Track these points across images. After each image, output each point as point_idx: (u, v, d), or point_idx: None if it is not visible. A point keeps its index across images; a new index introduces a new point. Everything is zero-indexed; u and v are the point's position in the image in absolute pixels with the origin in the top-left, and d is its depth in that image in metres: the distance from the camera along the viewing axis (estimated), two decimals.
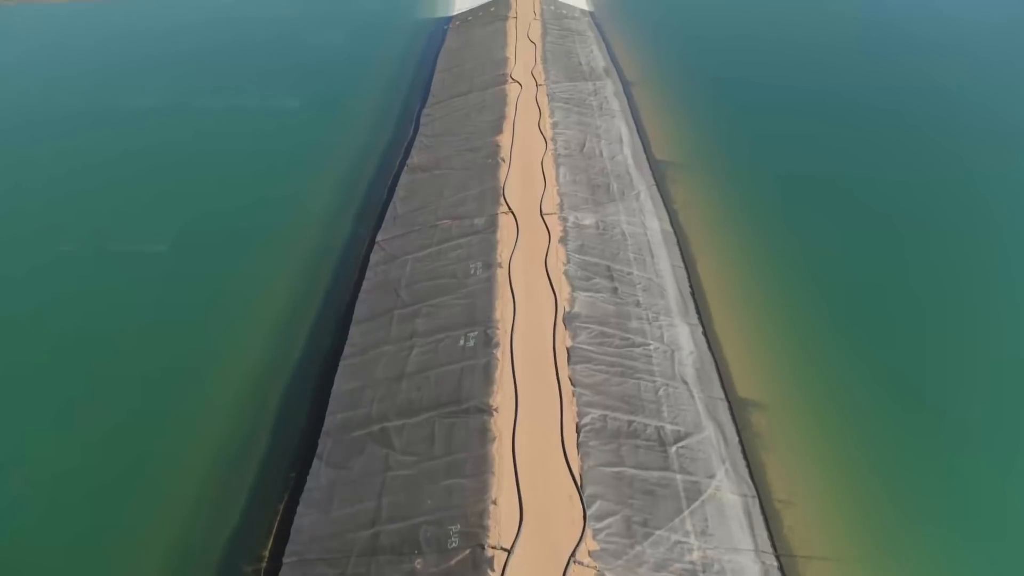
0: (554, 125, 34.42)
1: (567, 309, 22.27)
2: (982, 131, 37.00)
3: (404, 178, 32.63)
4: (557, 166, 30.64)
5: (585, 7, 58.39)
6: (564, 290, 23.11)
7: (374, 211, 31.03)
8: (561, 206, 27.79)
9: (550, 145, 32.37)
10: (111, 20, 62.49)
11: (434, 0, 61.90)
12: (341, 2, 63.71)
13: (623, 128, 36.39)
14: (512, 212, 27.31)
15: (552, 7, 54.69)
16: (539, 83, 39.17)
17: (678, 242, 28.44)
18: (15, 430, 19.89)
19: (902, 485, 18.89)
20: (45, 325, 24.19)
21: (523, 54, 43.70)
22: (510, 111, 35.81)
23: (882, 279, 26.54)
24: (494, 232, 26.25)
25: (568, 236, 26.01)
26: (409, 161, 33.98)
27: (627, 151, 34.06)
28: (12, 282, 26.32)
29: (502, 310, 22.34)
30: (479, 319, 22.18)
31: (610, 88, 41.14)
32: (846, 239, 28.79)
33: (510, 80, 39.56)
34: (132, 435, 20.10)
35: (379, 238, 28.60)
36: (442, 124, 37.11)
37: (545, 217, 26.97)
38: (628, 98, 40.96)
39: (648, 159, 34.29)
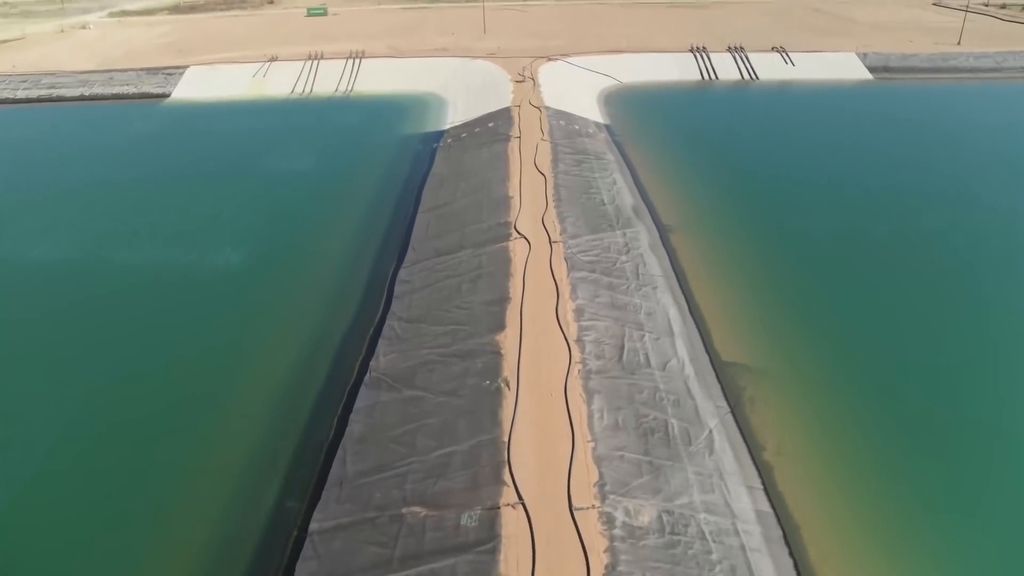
0: (578, 312, 24.55)
1: None
2: None
3: (363, 398, 22.45)
4: (589, 396, 20.48)
5: (600, 119, 50.08)
6: None
7: (312, 462, 20.64)
8: (601, 487, 17.44)
9: (575, 352, 22.36)
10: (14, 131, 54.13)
11: (423, 111, 53.69)
12: (316, 114, 55.54)
13: (670, 308, 26.53)
14: (524, 504, 16.93)
15: (562, 122, 46.19)
16: (553, 238, 29.61)
17: (784, 536, 17.94)
18: None
19: None
20: None
21: (531, 191, 34.46)
22: (515, 287, 26.04)
23: None
24: (494, 552, 15.78)
25: (618, 560, 15.53)
26: (373, 365, 23.90)
27: (682, 350, 24.03)
28: None
29: None
30: None
31: (644, 238, 31.61)
32: None
33: (515, 234, 30.03)
34: None
35: (314, 525, 18.12)
36: (422, 300, 27.28)
37: (577, 516, 16.58)
38: (669, 253, 31.36)
39: (712, 361, 24.25)
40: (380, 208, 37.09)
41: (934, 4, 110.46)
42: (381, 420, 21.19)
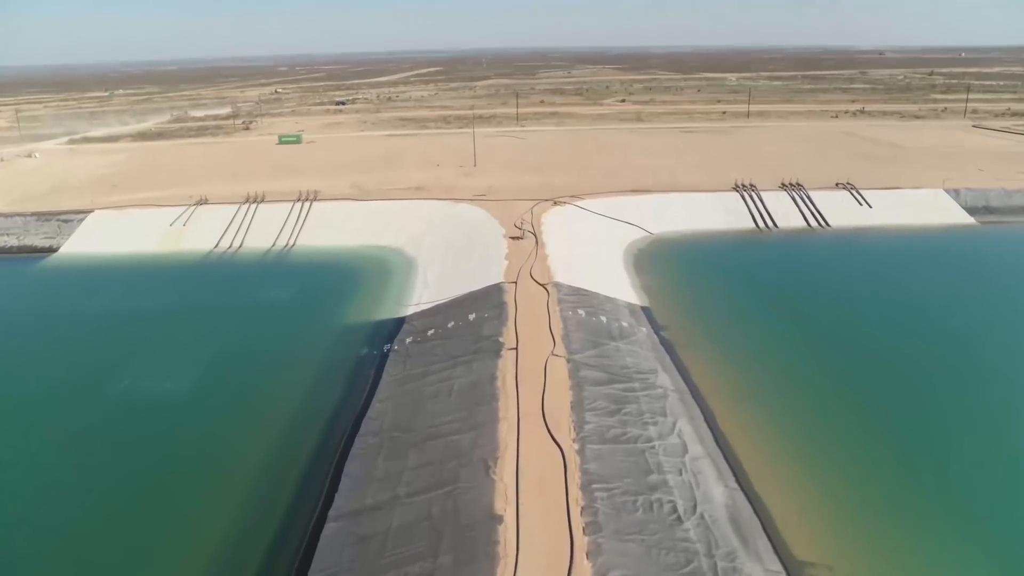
0: None
1: None
2: None
3: None
4: None
5: (633, 298, 34.42)
6: None
7: None
8: None
9: None
10: None
11: (381, 279, 38.20)
12: (234, 284, 40.10)
13: None
14: None
15: (581, 310, 30.38)
16: None
17: None
18: None
19: None
20: None
21: (538, 494, 17.82)
22: None
23: None
24: None
25: None
26: None
27: None
28: None
29: None
30: None
31: None
32: None
33: None
34: None
35: None
36: None
37: None
38: None
39: None
40: (262, 505, 20.37)
41: (974, 127, 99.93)
42: None
